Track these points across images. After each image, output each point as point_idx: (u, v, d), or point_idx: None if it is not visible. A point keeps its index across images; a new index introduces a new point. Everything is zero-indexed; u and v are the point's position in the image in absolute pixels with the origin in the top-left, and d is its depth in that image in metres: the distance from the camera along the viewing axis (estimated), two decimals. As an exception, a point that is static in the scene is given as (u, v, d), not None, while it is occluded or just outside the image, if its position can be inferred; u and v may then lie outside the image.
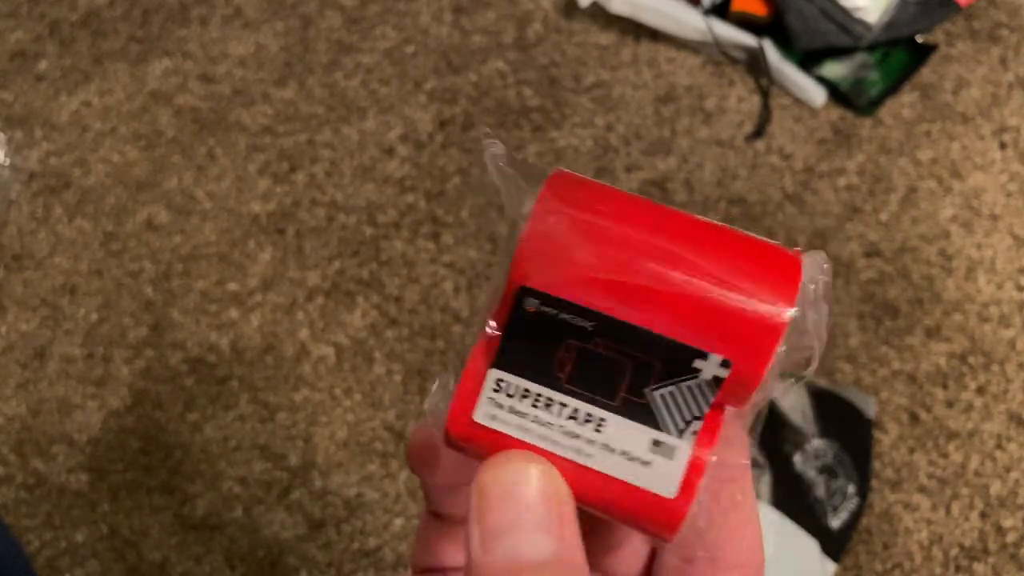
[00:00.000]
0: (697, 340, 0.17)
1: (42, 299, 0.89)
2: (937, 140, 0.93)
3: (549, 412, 0.18)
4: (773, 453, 0.75)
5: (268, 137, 0.97)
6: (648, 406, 0.17)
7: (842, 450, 0.76)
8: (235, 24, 1.05)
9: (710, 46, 0.98)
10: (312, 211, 0.92)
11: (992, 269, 0.86)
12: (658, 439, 0.17)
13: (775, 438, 0.76)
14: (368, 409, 0.82)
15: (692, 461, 0.17)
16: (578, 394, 0.18)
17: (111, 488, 0.80)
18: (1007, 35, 1.00)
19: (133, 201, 0.94)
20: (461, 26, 1.03)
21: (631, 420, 0.17)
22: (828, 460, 0.75)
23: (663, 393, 0.17)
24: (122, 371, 0.85)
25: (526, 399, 0.18)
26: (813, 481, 0.74)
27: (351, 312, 0.86)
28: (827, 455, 0.75)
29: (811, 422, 0.77)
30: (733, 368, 0.17)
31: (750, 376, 0.17)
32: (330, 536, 0.78)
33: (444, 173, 0.94)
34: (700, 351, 0.17)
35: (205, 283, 0.89)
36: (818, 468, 0.75)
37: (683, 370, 0.17)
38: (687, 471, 0.17)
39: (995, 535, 0.75)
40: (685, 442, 0.17)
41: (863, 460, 0.76)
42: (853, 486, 0.75)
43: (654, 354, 0.17)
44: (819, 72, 0.95)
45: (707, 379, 0.17)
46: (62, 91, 1.01)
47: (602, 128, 0.96)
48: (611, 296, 0.17)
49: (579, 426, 0.18)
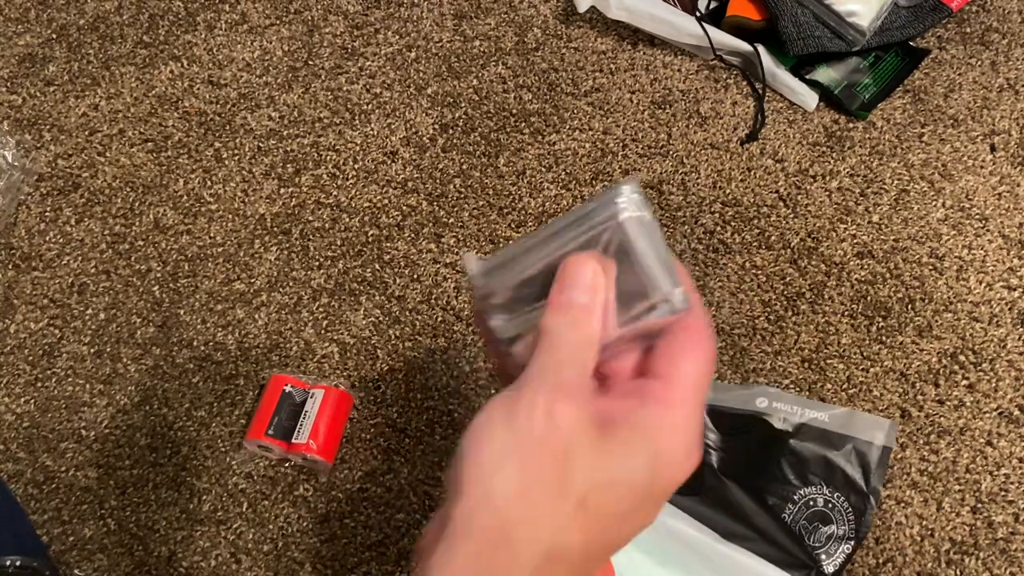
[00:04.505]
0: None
1: (51, 298, 0.91)
2: (928, 143, 0.95)
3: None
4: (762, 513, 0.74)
5: (274, 140, 0.99)
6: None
7: (833, 494, 0.75)
8: (241, 29, 1.07)
9: (706, 51, 0.99)
10: (317, 213, 0.94)
11: (982, 269, 0.87)
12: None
13: (761, 494, 0.75)
14: (371, 406, 0.84)
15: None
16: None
17: (119, 484, 0.82)
18: (998, 39, 1.01)
19: (141, 202, 0.96)
20: (462, 32, 1.05)
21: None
22: (819, 507, 0.75)
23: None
24: (130, 369, 0.87)
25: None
26: (805, 529, 0.74)
27: (355, 311, 0.88)
28: (817, 502, 0.75)
29: (799, 472, 0.76)
30: None
31: None
32: (334, 530, 0.79)
33: (446, 176, 0.95)
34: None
35: (212, 283, 0.90)
36: (808, 517, 0.75)
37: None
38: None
39: (986, 530, 0.76)
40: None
41: (859, 500, 0.75)
42: (845, 527, 0.74)
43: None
44: (812, 76, 0.97)
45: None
46: (70, 94, 1.03)
47: (600, 131, 0.97)
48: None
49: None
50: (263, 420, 0.80)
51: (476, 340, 0.85)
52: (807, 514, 0.75)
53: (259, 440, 0.80)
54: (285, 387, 0.82)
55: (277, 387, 0.82)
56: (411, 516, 0.79)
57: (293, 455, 0.80)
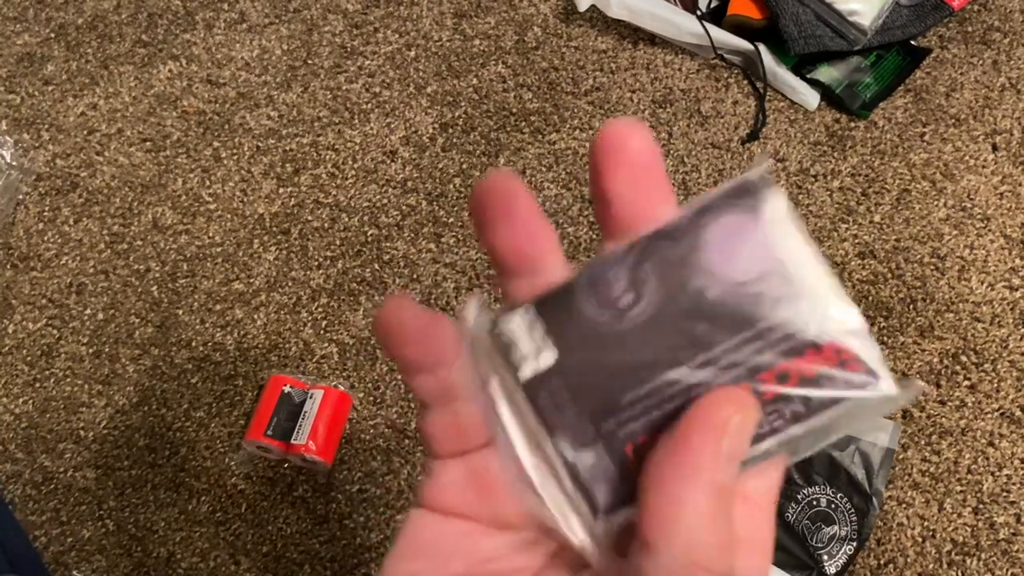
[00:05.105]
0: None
1: (49, 299, 0.90)
2: (930, 142, 0.95)
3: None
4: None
5: (272, 140, 0.98)
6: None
7: (836, 494, 0.75)
8: (240, 28, 1.06)
9: (707, 50, 0.99)
10: (316, 212, 0.94)
11: (984, 269, 0.87)
12: None
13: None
14: (370, 407, 0.83)
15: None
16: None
17: (118, 484, 0.82)
18: (999, 39, 1.01)
19: (139, 202, 0.95)
20: (462, 30, 1.05)
21: None
22: (822, 507, 0.74)
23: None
24: (128, 369, 0.86)
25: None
26: (808, 529, 0.74)
27: (354, 311, 0.88)
28: (820, 502, 0.75)
29: (803, 471, 0.76)
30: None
31: None
32: (333, 531, 0.79)
33: (445, 175, 0.95)
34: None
35: (210, 283, 0.90)
36: (811, 517, 0.74)
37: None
38: None
39: (987, 531, 0.76)
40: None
41: (861, 501, 0.75)
42: (847, 528, 0.74)
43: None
44: (813, 75, 0.97)
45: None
46: (69, 94, 1.03)
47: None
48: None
49: None
50: (262, 421, 0.80)
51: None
52: (810, 514, 0.74)
53: (258, 441, 0.79)
54: (284, 387, 0.81)
55: (276, 387, 0.81)
56: (411, 517, 0.79)
57: (292, 456, 0.79)
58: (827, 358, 0.18)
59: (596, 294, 0.18)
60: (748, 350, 0.18)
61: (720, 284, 0.18)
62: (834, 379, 0.18)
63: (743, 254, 0.18)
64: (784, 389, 0.18)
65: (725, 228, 0.18)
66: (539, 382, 0.18)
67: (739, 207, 0.18)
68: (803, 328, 0.18)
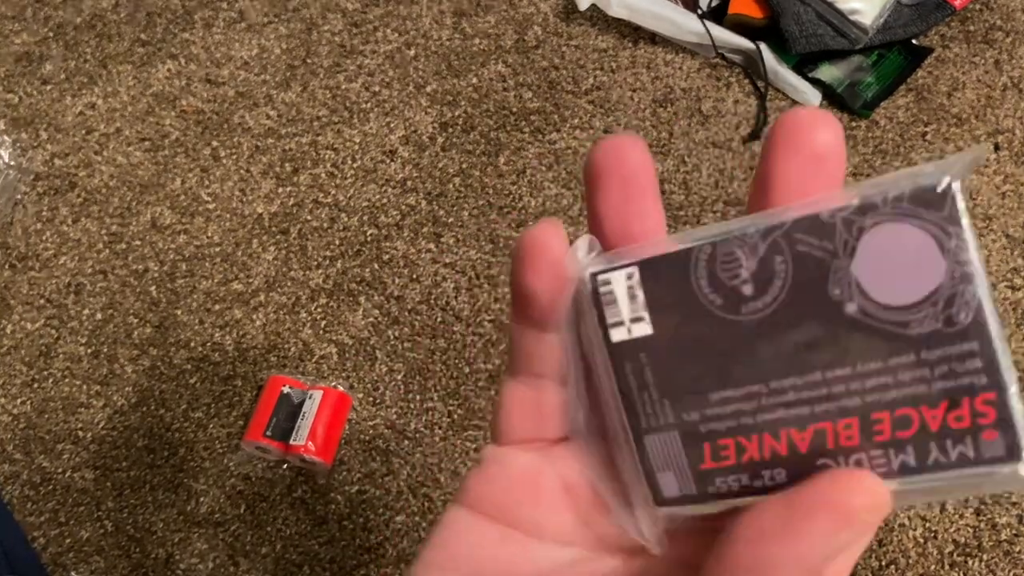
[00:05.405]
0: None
1: (47, 299, 0.90)
2: (932, 142, 0.94)
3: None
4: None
5: (271, 139, 0.98)
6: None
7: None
8: (238, 27, 1.06)
9: (707, 49, 0.99)
10: (315, 212, 0.93)
11: (986, 269, 0.87)
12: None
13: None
14: (370, 407, 0.83)
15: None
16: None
17: (116, 485, 0.81)
18: (1001, 38, 1.01)
19: (138, 202, 0.95)
20: (462, 29, 1.04)
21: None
22: None
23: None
24: (127, 370, 0.86)
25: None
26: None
27: (353, 312, 0.87)
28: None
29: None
30: None
31: None
32: (333, 532, 0.78)
33: (445, 175, 0.95)
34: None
35: (209, 283, 0.90)
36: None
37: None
38: None
39: (989, 532, 0.76)
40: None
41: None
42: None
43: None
44: (815, 74, 0.96)
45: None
46: (67, 93, 1.02)
47: (601, 130, 0.97)
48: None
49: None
50: (261, 421, 0.79)
51: (475, 341, 0.85)
52: None
53: (257, 441, 0.79)
54: (283, 388, 0.81)
55: (275, 388, 0.81)
56: (410, 518, 0.79)
57: (291, 456, 0.79)
58: (960, 416, 0.15)
59: (712, 273, 0.16)
60: (872, 383, 0.16)
61: (865, 302, 0.15)
62: (962, 442, 0.15)
63: (904, 276, 0.15)
64: (900, 435, 0.16)
65: (891, 239, 0.15)
66: (627, 350, 0.17)
67: (916, 219, 0.15)
68: (945, 376, 0.15)
